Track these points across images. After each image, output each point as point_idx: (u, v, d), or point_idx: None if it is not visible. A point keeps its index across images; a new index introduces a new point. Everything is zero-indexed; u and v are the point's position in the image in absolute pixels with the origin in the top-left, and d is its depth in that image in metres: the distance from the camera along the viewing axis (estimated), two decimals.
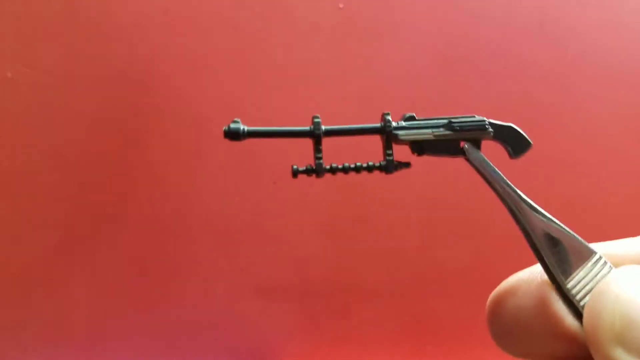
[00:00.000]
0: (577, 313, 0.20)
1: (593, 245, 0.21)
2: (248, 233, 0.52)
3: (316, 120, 0.23)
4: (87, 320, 0.50)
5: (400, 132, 0.22)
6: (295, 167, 0.24)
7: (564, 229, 0.21)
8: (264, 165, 0.51)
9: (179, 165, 0.50)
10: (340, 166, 0.23)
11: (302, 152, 0.26)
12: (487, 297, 0.22)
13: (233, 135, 0.24)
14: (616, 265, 0.20)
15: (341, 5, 0.51)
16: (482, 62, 0.52)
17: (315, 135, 0.23)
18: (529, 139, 0.22)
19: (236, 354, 0.52)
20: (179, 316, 0.51)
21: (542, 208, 0.21)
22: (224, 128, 0.23)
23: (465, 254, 0.52)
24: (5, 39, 0.48)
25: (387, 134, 0.22)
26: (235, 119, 0.24)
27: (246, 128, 0.24)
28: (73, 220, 0.49)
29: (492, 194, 0.22)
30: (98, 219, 0.50)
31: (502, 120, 0.22)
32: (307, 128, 0.24)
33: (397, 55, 0.52)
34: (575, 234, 0.21)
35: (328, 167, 0.23)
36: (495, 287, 0.23)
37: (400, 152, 0.23)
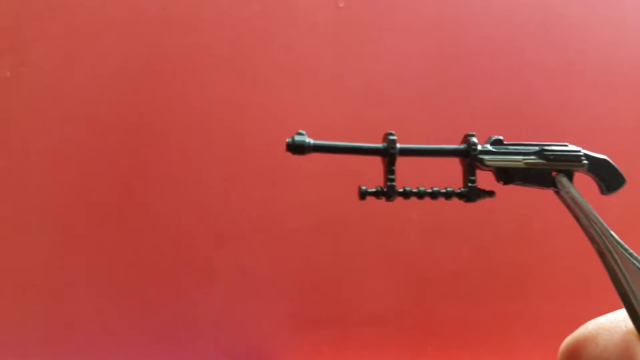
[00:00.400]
0: None
1: None
2: (248, 233, 0.51)
3: (391, 137, 0.21)
4: (86, 320, 0.50)
5: (487, 157, 0.20)
6: (363, 188, 0.21)
7: None
8: (264, 165, 0.51)
9: (179, 165, 0.50)
10: (414, 190, 0.21)
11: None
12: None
13: (297, 149, 0.21)
14: None
15: (341, 5, 0.51)
16: (483, 60, 0.52)
17: (390, 154, 0.21)
18: (623, 175, 0.21)
19: (236, 354, 0.52)
20: (179, 316, 0.51)
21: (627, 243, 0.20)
22: (287, 140, 0.21)
23: (466, 255, 0.52)
24: (3, 38, 0.47)
25: (472, 158, 0.20)
26: (300, 131, 0.21)
27: (312, 142, 0.21)
28: (72, 220, 0.49)
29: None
30: (97, 218, 0.50)
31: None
32: (380, 146, 0.21)
33: (397, 54, 0.52)
34: None
35: (401, 190, 0.21)
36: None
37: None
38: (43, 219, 0.49)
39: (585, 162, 0.20)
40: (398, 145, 0.21)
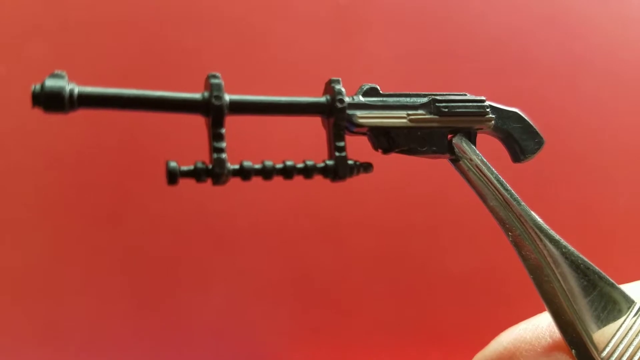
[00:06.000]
0: None
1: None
2: (248, 234, 0.51)
3: (214, 81, 0.13)
4: (85, 323, 0.49)
5: (359, 113, 0.14)
6: (172, 165, 0.13)
7: (593, 269, 0.14)
8: None
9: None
10: (258, 166, 0.14)
11: (311, 144, 0.23)
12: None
13: (51, 101, 0.13)
14: None
15: (342, 1, 0.50)
16: (489, 57, 0.51)
17: (213, 109, 0.13)
18: (542, 135, 0.15)
19: (236, 356, 0.51)
20: (179, 319, 0.50)
21: (552, 225, 0.15)
22: (33, 88, 0.13)
23: (472, 258, 0.51)
24: None
25: (338, 115, 0.14)
26: (58, 72, 0.13)
27: (77, 90, 0.13)
28: (70, 221, 0.49)
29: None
30: (96, 219, 0.49)
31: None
32: (198, 96, 0.13)
33: (399, 51, 0.51)
34: (607, 277, 0.14)
35: (236, 166, 0.14)
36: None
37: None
38: (39, 219, 0.48)
39: (490, 116, 0.15)
40: (227, 96, 0.13)
